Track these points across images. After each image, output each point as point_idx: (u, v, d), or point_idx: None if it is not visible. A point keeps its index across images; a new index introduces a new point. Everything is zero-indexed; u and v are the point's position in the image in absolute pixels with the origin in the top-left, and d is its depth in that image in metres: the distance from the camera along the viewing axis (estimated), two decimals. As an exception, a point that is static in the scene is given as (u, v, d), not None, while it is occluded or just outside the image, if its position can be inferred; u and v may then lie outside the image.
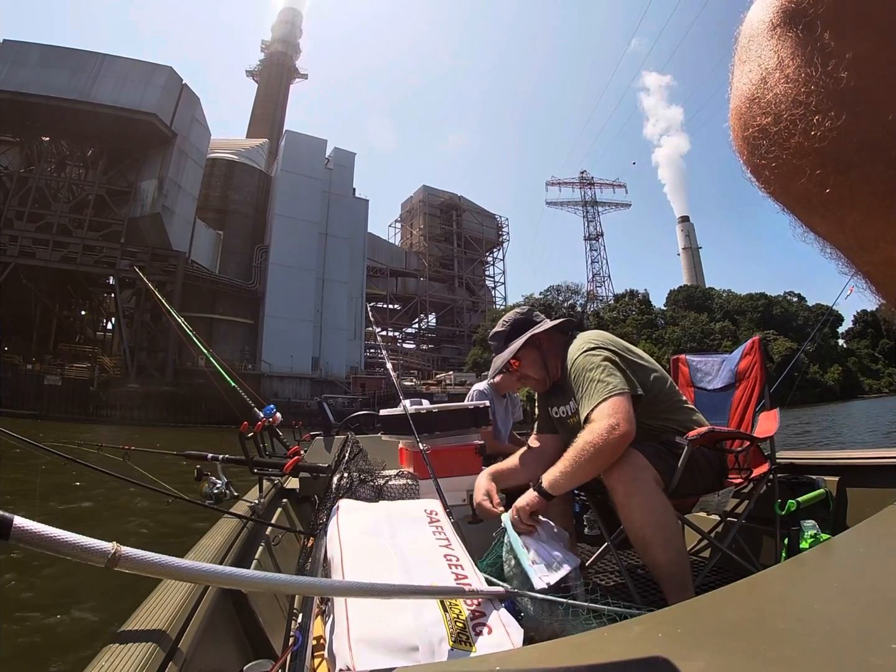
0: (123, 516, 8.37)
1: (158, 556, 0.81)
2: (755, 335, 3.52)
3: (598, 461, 2.07)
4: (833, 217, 0.34)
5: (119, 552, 0.77)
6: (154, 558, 0.80)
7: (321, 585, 1.13)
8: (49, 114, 50.36)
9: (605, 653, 0.72)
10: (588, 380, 2.24)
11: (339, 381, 62.00)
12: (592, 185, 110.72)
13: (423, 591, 1.23)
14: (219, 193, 66.18)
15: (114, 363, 52.43)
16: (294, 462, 2.80)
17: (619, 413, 2.09)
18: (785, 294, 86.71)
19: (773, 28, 0.33)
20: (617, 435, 2.04)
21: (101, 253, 51.96)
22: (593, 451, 2.04)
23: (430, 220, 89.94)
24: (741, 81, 0.36)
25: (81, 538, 0.75)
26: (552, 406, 2.66)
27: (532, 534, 2.07)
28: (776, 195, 0.37)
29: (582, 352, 2.35)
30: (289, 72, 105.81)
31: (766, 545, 2.87)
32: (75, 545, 0.74)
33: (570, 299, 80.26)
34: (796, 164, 0.33)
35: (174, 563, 0.83)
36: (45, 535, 0.71)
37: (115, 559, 0.76)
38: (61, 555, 0.74)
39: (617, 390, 2.16)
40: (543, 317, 2.72)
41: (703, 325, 72.97)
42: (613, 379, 2.20)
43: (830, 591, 0.90)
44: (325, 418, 4.28)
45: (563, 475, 2.10)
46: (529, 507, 2.11)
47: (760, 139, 0.34)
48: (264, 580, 0.97)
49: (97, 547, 0.76)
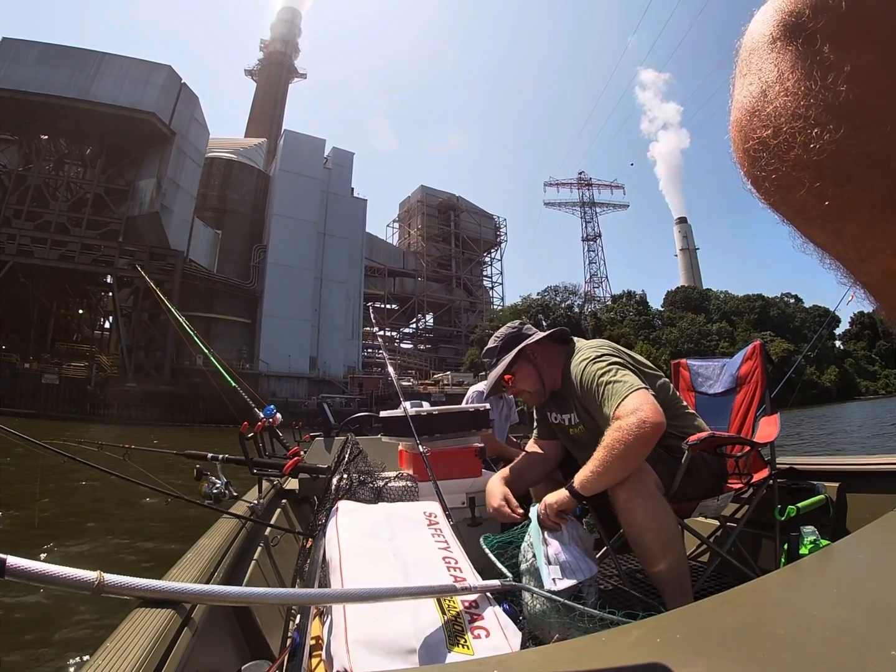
0: (125, 515, 8.38)
1: (140, 580, 0.91)
2: (755, 338, 3.51)
3: (631, 458, 2.01)
4: (832, 228, 0.34)
5: (102, 580, 0.85)
6: (137, 583, 0.90)
7: (310, 596, 1.12)
8: (48, 112, 50.36)
9: (604, 657, 0.72)
10: (603, 383, 2.20)
11: (337, 380, 62.02)
12: (590, 185, 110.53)
13: (417, 592, 1.22)
14: (217, 192, 66.25)
15: (111, 362, 52.41)
16: (294, 463, 2.80)
17: (646, 406, 2.03)
18: (782, 295, 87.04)
19: (774, 41, 0.33)
20: (648, 428, 1.98)
21: (99, 252, 51.95)
22: (623, 448, 1.98)
23: (429, 220, 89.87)
24: (742, 94, 0.36)
25: (68, 570, 0.83)
26: (551, 411, 2.65)
27: (557, 531, 2.05)
28: (776, 207, 0.37)
29: (588, 361, 2.32)
30: (288, 71, 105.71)
31: (765, 551, 2.86)
32: (63, 577, 0.82)
33: (568, 300, 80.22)
34: (796, 177, 0.33)
35: (155, 585, 0.93)
36: (36, 571, 0.79)
37: (100, 587, 0.85)
38: (53, 586, 0.82)
39: (637, 386, 2.13)
40: (535, 330, 2.69)
41: (700, 326, 73.08)
42: (629, 378, 2.17)
43: (830, 597, 0.90)
44: (325, 419, 4.28)
45: (595, 474, 2.03)
46: (558, 506, 2.07)
47: (760, 151, 0.34)
48: (243, 595, 0.99)
49: (82, 577, 0.85)
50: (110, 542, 7.00)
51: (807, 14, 0.31)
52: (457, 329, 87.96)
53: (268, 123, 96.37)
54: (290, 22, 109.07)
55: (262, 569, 2.27)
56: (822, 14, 0.31)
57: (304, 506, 3.53)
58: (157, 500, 2.50)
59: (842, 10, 0.30)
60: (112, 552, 6.58)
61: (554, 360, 2.54)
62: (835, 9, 0.30)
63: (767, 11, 0.34)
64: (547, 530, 2.06)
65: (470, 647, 1.16)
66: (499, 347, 2.62)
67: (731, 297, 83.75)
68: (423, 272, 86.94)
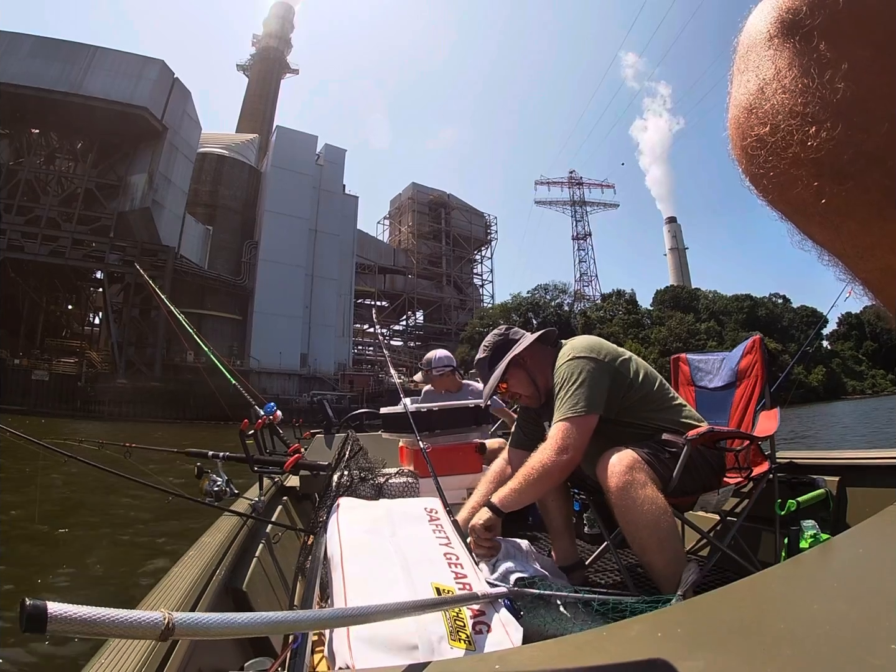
0: (127, 514, 8.36)
1: (215, 615, 0.71)
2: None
3: (545, 482, 2.19)
4: (830, 226, 0.34)
5: (171, 622, 0.64)
6: (213, 618, 0.70)
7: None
8: (39, 106, 49.83)
9: (605, 652, 0.73)
10: (563, 390, 2.30)
11: (328, 377, 61.79)
12: (581, 185, 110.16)
13: (432, 605, 1.22)
14: (208, 188, 65.77)
15: (101, 358, 52.08)
16: (294, 460, 2.80)
17: (571, 437, 2.18)
18: (770, 296, 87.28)
19: (771, 39, 0.33)
20: (565, 459, 2.15)
21: (89, 247, 51.62)
22: (541, 472, 2.16)
23: (419, 217, 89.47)
24: (739, 91, 0.36)
25: (128, 614, 0.62)
26: (547, 420, 2.60)
27: (493, 555, 2.07)
28: (774, 204, 0.37)
29: (565, 360, 2.38)
30: (280, 67, 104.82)
31: (765, 545, 2.87)
32: (122, 622, 0.61)
33: (558, 298, 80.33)
34: (794, 174, 0.33)
35: (234, 619, 0.73)
36: (86, 617, 0.59)
37: (169, 630, 0.64)
38: (108, 636, 0.65)
39: (579, 410, 2.21)
40: (522, 332, 2.72)
41: (688, 325, 72.96)
42: (580, 396, 2.24)
43: (830, 591, 0.92)
44: (326, 416, 4.29)
45: (514, 492, 2.19)
46: (483, 524, 2.15)
47: (758, 149, 0.34)
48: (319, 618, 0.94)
49: (147, 619, 0.63)
50: (109, 542, 6.99)
51: (804, 11, 0.31)
52: (447, 327, 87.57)
53: (259, 119, 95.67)
54: (283, 17, 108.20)
55: (263, 566, 2.28)
56: (819, 11, 0.31)
57: (306, 503, 3.54)
58: (159, 498, 2.50)
59: (839, 8, 0.30)
60: (110, 554, 6.57)
61: (545, 360, 2.56)
62: (832, 6, 0.30)
63: (765, 8, 0.34)
64: (482, 557, 2.08)
65: (471, 643, 1.18)
66: (488, 358, 2.64)
67: (720, 296, 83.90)
68: (413, 269, 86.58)
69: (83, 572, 5.59)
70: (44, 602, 0.57)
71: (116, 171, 55.12)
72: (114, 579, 5.39)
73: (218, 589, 1.72)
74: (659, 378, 2.51)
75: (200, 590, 1.61)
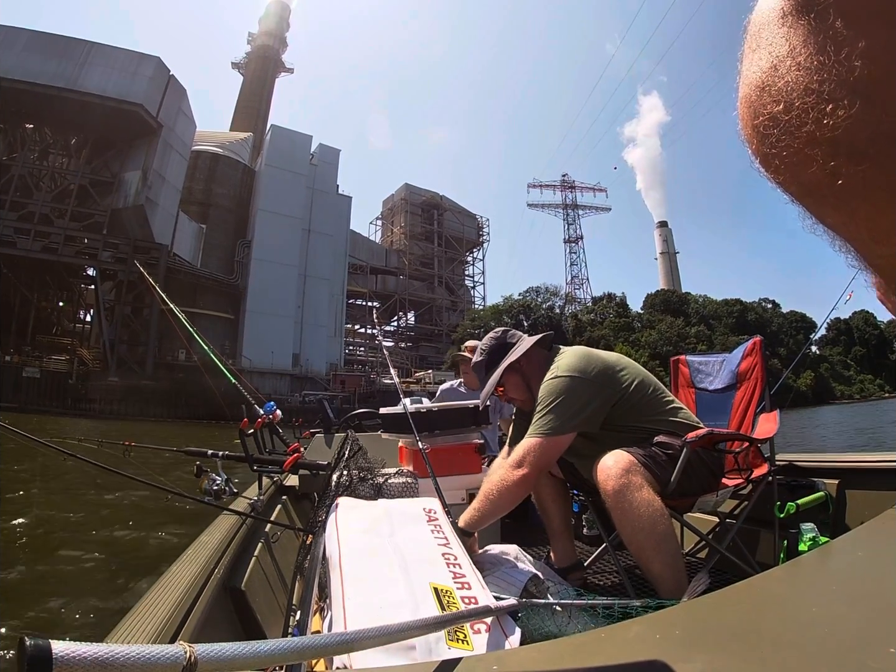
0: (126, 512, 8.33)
1: (239, 645, 0.65)
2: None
3: (505, 498, 2.22)
4: (845, 208, 0.34)
5: (193, 656, 0.59)
6: (237, 648, 0.65)
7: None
8: (34, 101, 49.60)
9: (603, 653, 0.73)
10: (539, 408, 2.32)
11: (320, 377, 61.84)
12: (573, 188, 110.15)
13: (452, 619, 1.13)
14: (202, 186, 65.78)
15: (92, 356, 51.78)
16: (294, 459, 2.79)
17: (532, 454, 2.20)
18: (760, 300, 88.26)
19: (785, 16, 0.33)
20: (519, 474, 2.18)
21: (82, 244, 51.41)
22: (500, 488, 2.21)
23: (412, 218, 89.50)
24: (751, 70, 0.35)
25: (145, 650, 0.57)
26: None
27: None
28: (786, 185, 0.36)
29: (549, 378, 2.39)
30: (275, 65, 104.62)
31: (764, 547, 2.86)
32: (139, 660, 0.55)
33: (549, 301, 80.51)
34: (808, 154, 0.32)
35: (259, 648, 0.67)
36: (98, 657, 0.53)
37: (192, 663, 0.59)
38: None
39: (546, 430, 2.23)
40: (519, 335, 2.72)
41: (678, 329, 73.14)
42: (550, 417, 2.26)
43: (829, 594, 0.92)
44: (326, 416, 4.29)
45: (478, 512, 2.24)
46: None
47: (771, 128, 0.34)
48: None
49: (167, 655, 0.58)
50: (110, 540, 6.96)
51: None
52: (438, 328, 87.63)
53: (254, 118, 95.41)
54: (278, 16, 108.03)
55: (262, 565, 2.28)
56: None
57: (305, 502, 3.55)
58: (158, 496, 2.50)
59: None
60: (108, 553, 6.54)
61: (540, 365, 2.55)
62: None
63: None
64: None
65: (469, 643, 1.17)
66: (485, 362, 2.65)
67: (710, 300, 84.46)
68: (405, 270, 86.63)
69: (80, 576, 5.53)
70: (47, 641, 0.51)
71: (110, 168, 54.92)
72: (110, 580, 5.35)
73: (216, 588, 1.73)
74: (654, 382, 2.51)
75: (199, 589, 1.62)
